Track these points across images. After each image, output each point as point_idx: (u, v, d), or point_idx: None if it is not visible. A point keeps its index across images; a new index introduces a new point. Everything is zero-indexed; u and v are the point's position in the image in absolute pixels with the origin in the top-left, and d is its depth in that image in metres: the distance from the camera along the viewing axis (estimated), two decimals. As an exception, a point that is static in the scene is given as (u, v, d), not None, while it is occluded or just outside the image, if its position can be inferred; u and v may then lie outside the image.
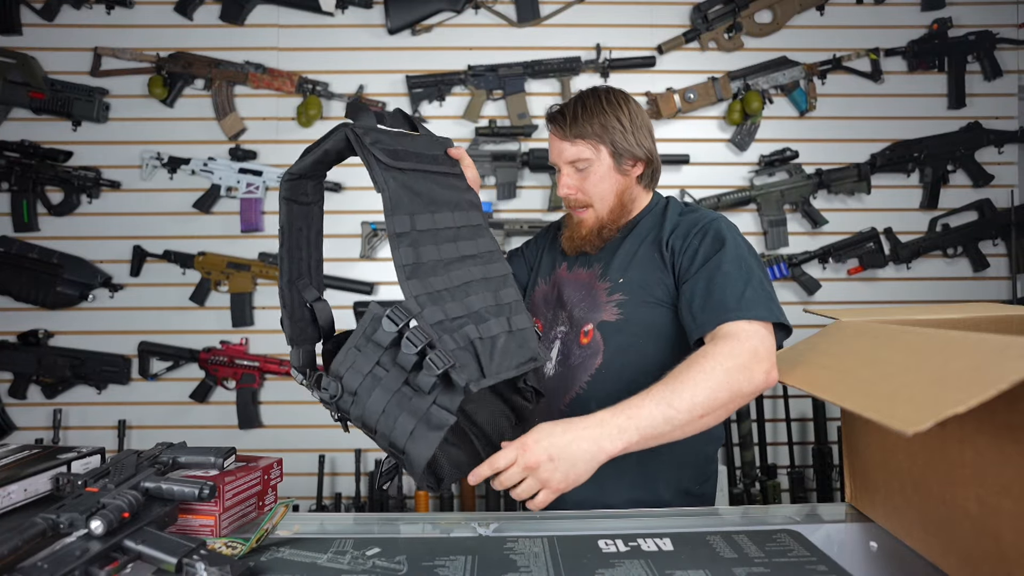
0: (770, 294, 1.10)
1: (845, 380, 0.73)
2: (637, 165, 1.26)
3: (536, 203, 2.43)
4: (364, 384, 0.85)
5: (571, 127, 1.20)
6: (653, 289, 1.17)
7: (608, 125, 1.21)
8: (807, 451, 2.38)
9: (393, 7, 2.37)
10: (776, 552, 0.82)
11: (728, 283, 1.09)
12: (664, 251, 1.18)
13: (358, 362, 0.85)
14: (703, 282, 1.11)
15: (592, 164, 1.21)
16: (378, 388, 0.85)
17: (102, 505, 0.73)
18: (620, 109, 1.23)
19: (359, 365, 0.85)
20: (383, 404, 0.84)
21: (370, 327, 0.86)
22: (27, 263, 2.32)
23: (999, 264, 2.46)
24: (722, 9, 2.42)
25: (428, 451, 0.83)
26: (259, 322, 2.40)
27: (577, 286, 1.26)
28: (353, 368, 0.85)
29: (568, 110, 1.22)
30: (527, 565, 0.80)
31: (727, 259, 1.11)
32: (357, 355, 0.86)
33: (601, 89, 1.26)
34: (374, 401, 0.84)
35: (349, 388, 0.85)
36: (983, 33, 2.43)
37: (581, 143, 1.20)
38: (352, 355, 0.86)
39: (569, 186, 1.23)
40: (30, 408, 2.37)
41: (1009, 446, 0.64)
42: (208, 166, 2.38)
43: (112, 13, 2.39)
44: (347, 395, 0.85)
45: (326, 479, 2.32)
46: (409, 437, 0.83)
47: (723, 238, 1.14)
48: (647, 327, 1.17)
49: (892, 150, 2.43)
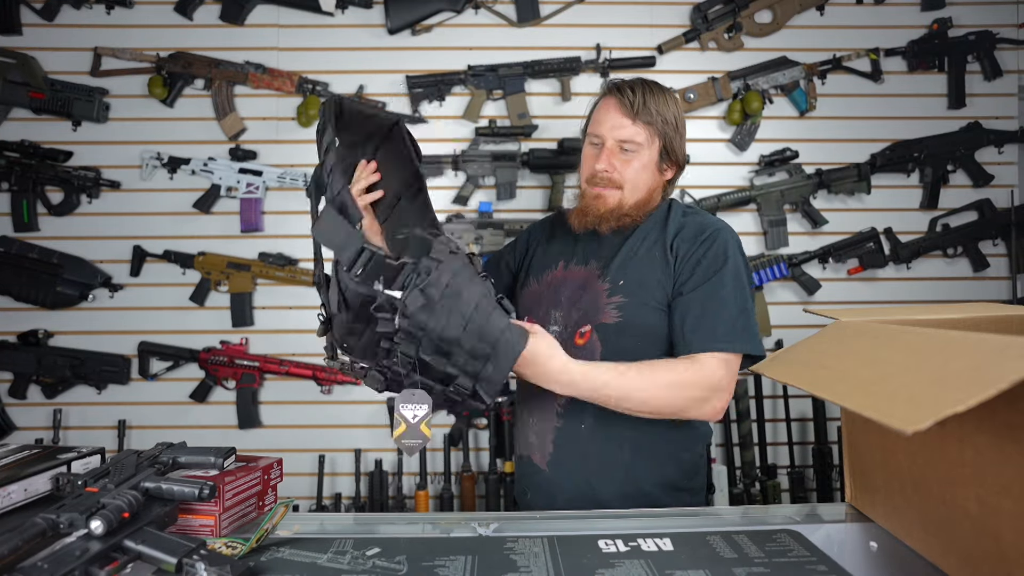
0: (755, 323, 1.16)
1: (845, 380, 0.73)
2: (672, 169, 1.26)
3: (536, 203, 2.43)
4: (457, 281, 0.92)
5: (641, 107, 1.18)
6: (653, 291, 1.17)
7: (668, 121, 1.20)
8: (807, 451, 2.38)
9: (393, 7, 2.37)
10: (776, 552, 0.82)
11: (722, 310, 1.13)
12: (668, 253, 1.18)
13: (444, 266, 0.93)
14: (698, 304, 1.14)
15: (640, 151, 1.19)
16: (472, 284, 0.93)
17: (102, 505, 0.73)
18: (678, 110, 1.23)
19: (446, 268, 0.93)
20: (476, 298, 0.92)
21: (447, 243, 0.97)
22: (27, 263, 2.32)
23: (999, 264, 2.46)
24: (722, 9, 2.42)
25: (523, 339, 0.94)
26: (259, 322, 2.40)
27: (574, 286, 1.25)
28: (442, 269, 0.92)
29: (638, 89, 1.19)
30: (527, 565, 0.80)
31: (726, 281, 1.14)
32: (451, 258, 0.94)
33: (661, 84, 1.24)
34: (470, 294, 0.91)
35: (439, 284, 0.90)
36: (983, 33, 2.43)
37: (642, 126, 1.18)
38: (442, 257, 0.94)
39: (611, 163, 1.20)
40: (30, 408, 2.37)
41: (1009, 446, 0.64)
42: (208, 166, 2.38)
43: (112, 13, 2.39)
44: (435, 300, 0.90)
45: (326, 479, 2.32)
46: (508, 327, 0.93)
47: (726, 254, 1.15)
48: (646, 330, 1.17)
49: (892, 150, 2.43)
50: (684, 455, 1.23)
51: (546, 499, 1.24)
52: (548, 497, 1.24)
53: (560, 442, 1.21)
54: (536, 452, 1.26)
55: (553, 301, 1.26)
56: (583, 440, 1.19)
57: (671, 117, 1.20)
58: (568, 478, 1.21)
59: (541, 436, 1.24)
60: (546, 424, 1.23)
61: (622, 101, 1.19)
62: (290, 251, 2.39)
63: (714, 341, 1.11)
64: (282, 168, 2.39)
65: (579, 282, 1.24)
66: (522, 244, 1.43)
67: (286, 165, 2.40)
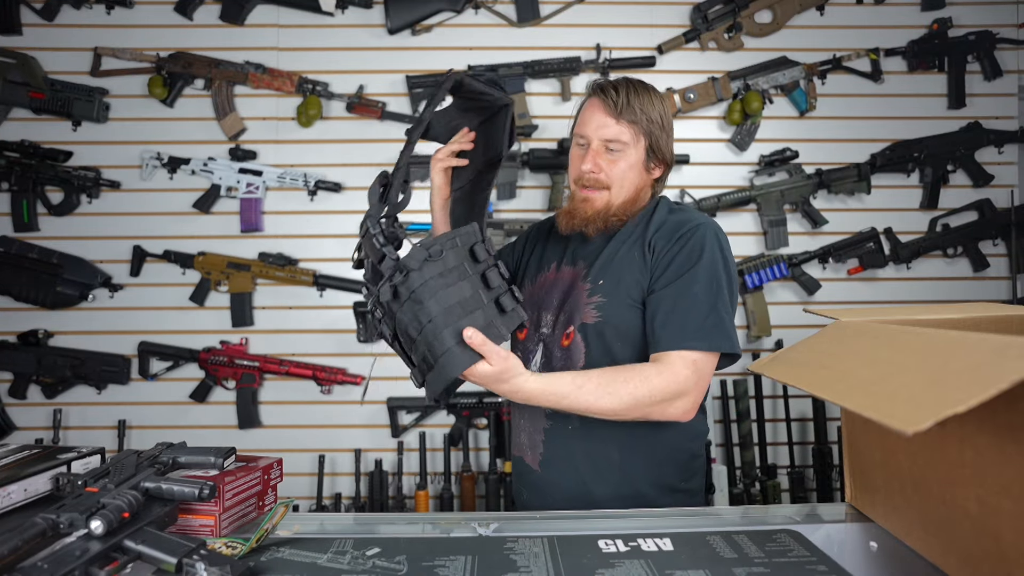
0: (730, 320, 1.14)
1: (845, 380, 0.73)
2: (660, 167, 1.25)
3: (536, 203, 2.43)
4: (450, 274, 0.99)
5: (624, 107, 1.17)
6: (631, 290, 1.17)
7: (654, 119, 1.19)
8: (807, 451, 2.38)
9: (393, 7, 2.37)
10: (776, 552, 0.82)
11: (693, 307, 1.11)
12: (646, 250, 1.18)
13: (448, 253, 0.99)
14: (670, 300, 1.13)
15: (626, 151, 1.18)
16: (463, 280, 0.99)
17: (102, 505, 0.73)
18: (664, 108, 1.22)
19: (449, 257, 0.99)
20: (436, 312, 0.97)
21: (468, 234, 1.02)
22: (27, 263, 2.32)
23: (999, 264, 2.46)
24: (722, 9, 2.42)
25: (462, 365, 0.98)
26: (259, 322, 2.40)
27: (561, 286, 1.24)
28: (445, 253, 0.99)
29: (621, 89, 1.18)
30: (527, 565, 0.80)
31: (699, 278, 1.13)
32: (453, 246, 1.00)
33: (646, 82, 1.24)
34: (433, 306, 0.97)
35: (408, 286, 0.97)
36: (983, 33, 2.43)
37: (626, 125, 1.17)
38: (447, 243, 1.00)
39: (597, 164, 1.19)
40: (30, 408, 2.37)
41: (1009, 446, 0.64)
42: (208, 166, 2.38)
43: (112, 13, 2.39)
44: (403, 298, 0.98)
45: (326, 479, 2.32)
46: (448, 350, 0.97)
47: (702, 251, 1.14)
48: (625, 329, 1.17)
49: (892, 150, 2.43)
50: (680, 455, 1.22)
51: (541, 499, 1.24)
52: (543, 497, 1.24)
53: (549, 442, 1.22)
54: (528, 452, 1.26)
55: (544, 303, 1.26)
56: (572, 440, 1.19)
57: (656, 116, 1.20)
58: (561, 478, 1.21)
59: (532, 437, 1.25)
60: (536, 425, 1.24)
61: (606, 101, 1.18)
62: (290, 251, 2.39)
63: (683, 339, 1.10)
64: (282, 168, 2.39)
65: (566, 283, 1.24)
66: (519, 246, 1.43)
67: (286, 165, 2.40)
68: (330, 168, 2.42)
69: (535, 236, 1.41)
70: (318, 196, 2.40)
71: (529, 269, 1.35)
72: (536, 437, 1.24)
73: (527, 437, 1.26)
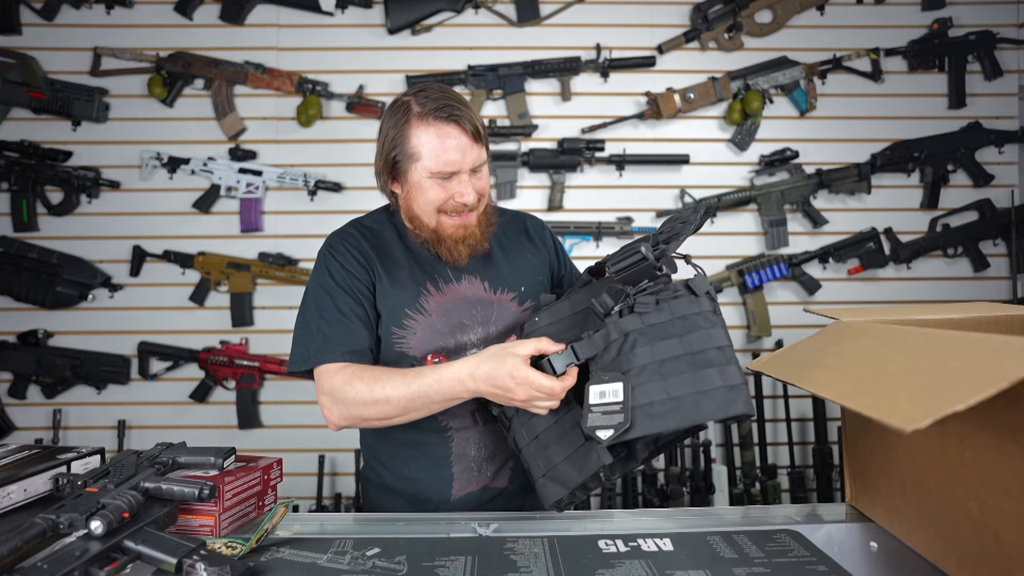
0: None
1: (845, 379, 0.73)
2: None
3: (536, 203, 2.43)
4: None
5: (481, 129, 1.12)
6: (544, 288, 1.23)
7: (482, 123, 1.15)
8: (807, 451, 2.38)
9: (393, 7, 2.37)
10: (776, 552, 0.82)
11: None
12: (538, 244, 1.26)
13: None
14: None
15: (486, 165, 1.16)
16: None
17: (102, 505, 0.73)
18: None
19: None
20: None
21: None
22: (27, 263, 2.32)
23: (999, 264, 2.46)
24: (722, 9, 2.42)
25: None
26: (259, 322, 2.40)
27: (473, 304, 1.16)
28: None
29: (462, 108, 1.10)
30: (527, 565, 0.80)
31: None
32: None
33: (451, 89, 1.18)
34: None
35: None
36: (983, 33, 2.43)
37: (482, 145, 1.13)
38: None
39: (479, 189, 1.13)
40: (30, 408, 2.37)
41: (1009, 445, 0.64)
42: (208, 166, 2.38)
43: (112, 13, 2.39)
44: None
45: (326, 479, 2.32)
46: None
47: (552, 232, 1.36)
48: None
49: (892, 150, 2.43)
50: None
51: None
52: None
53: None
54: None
55: (459, 327, 1.15)
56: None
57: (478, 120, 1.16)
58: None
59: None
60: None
61: (470, 128, 1.10)
62: (290, 251, 2.39)
63: None
64: (282, 168, 2.39)
65: (479, 299, 1.17)
66: (361, 274, 1.19)
67: (286, 165, 2.40)
68: (330, 168, 2.42)
69: (365, 264, 1.19)
70: (318, 196, 2.40)
71: (392, 312, 1.16)
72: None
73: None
